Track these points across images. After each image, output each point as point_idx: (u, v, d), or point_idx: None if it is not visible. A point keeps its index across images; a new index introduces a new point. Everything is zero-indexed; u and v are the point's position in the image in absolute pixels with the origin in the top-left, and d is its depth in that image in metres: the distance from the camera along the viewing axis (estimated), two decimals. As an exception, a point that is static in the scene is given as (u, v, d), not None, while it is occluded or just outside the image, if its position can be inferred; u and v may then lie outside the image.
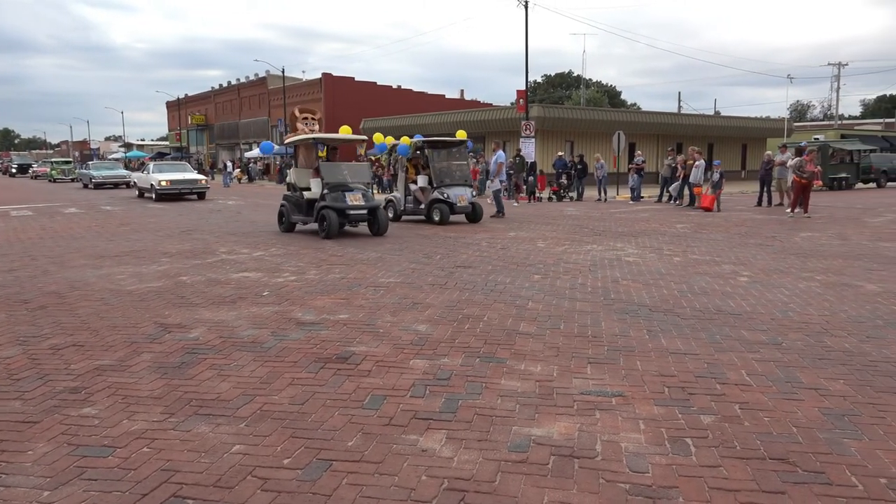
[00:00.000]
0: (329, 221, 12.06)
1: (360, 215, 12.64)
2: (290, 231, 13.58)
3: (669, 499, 2.94)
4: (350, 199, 12.39)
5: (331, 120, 48.13)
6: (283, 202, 13.87)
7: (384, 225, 12.86)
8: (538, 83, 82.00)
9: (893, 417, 3.82)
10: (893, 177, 33.92)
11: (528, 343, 5.36)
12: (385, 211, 13.44)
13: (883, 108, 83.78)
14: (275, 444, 3.50)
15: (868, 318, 6.13)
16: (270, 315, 6.35)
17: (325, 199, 12.31)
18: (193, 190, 25.17)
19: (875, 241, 11.70)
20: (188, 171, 27.20)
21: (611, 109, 47.30)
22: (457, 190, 15.57)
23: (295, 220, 13.48)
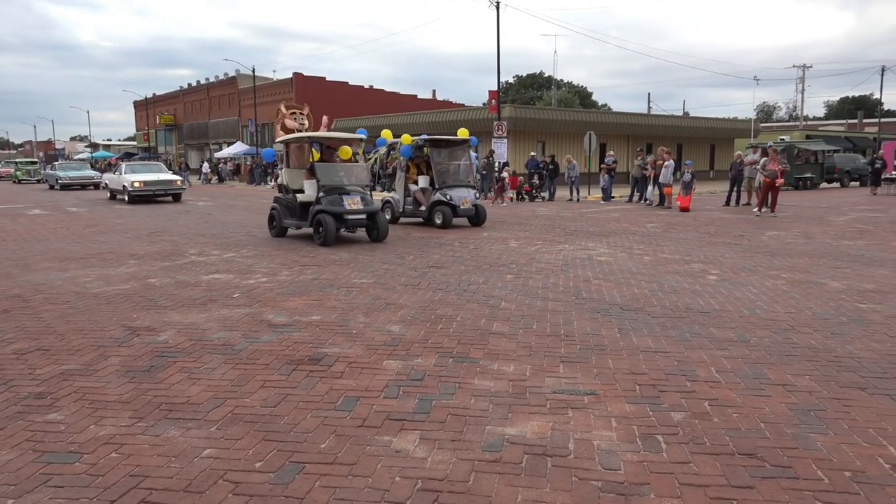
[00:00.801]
0: (325, 227, 11.13)
1: (359, 220, 11.68)
2: (281, 236, 12.74)
3: (641, 495, 2.97)
4: (348, 202, 11.44)
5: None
6: (274, 205, 12.90)
7: (384, 230, 11.93)
8: (510, 84, 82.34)
9: (857, 412, 3.91)
10: (856, 177, 34.70)
11: (501, 343, 5.38)
12: (385, 215, 12.57)
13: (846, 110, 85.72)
14: (246, 448, 3.47)
15: (832, 314, 6.27)
16: (241, 317, 6.29)
17: (321, 203, 11.36)
18: (168, 191, 23.95)
19: (839, 240, 11.96)
20: (163, 172, 25.99)
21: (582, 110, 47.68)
22: (459, 191, 14.80)
23: (287, 224, 12.56)
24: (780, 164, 17.07)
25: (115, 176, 25.26)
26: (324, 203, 11.36)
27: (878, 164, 28.14)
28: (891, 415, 3.86)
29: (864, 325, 5.85)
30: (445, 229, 14.23)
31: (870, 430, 3.64)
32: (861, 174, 33.94)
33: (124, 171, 24.55)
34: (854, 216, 16.78)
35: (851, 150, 42.75)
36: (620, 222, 15.78)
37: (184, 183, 25.11)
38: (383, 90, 55.03)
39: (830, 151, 35.66)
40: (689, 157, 40.47)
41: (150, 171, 25.02)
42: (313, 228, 11.51)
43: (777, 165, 16.85)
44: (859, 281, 7.93)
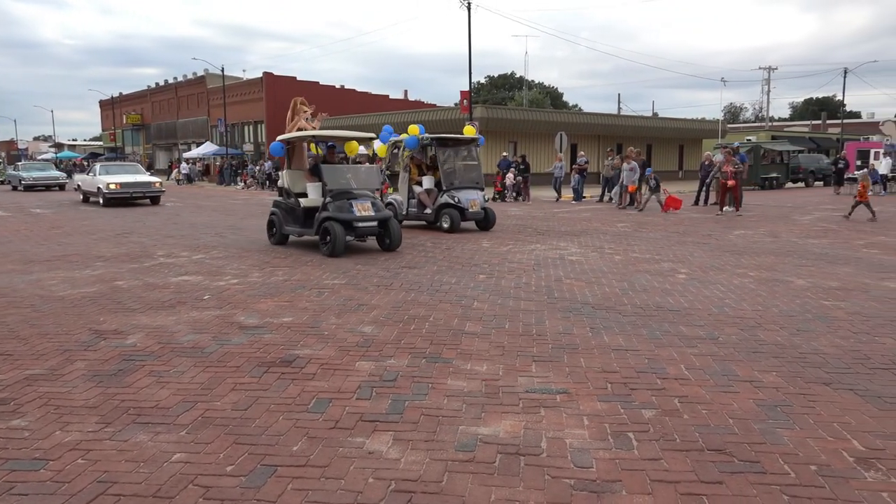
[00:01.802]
0: (334, 236, 9.94)
1: (370, 228, 10.51)
2: (282, 243, 11.54)
3: (613, 492, 3.00)
4: (357, 208, 10.25)
5: (273, 121, 47.39)
6: (274, 209, 11.72)
7: (397, 238, 10.72)
8: (481, 84, 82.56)
9: (822, 407, 3.99)
10: (820, 176, 35.44)
11: (473, 343, 5.39)
12: (397, 222, 11.18)
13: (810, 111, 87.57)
14: (217, 452, 3.42)
15: (798, 311, 6.39)
16: (212, 319, 6.21)
17: (328, 209, 10.21)
18: (147, 194, 22.53)
19: (804, 238, 12.20)
20: (140, 173, 24.40)
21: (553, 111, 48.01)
22: (468, 193, 13.83)
23: (289, 231, 11.41)
24: (733, 164, 17.40)
25: (89, 177, 23.88)
26: (331, 209, 10.20)
27: (841, 164, 28.80)
28: (854, 409, 3.95)
29: (828, 322, 5.97)
30: (452, 233, 13.37)
31: (834, 425, 3.72)
32: (825, 174, 34.66)
33: (99, 173, 23.23)
34: (818, 215, 17.15)
35: (815, 151, 43.71)
36: (591, 222, 15.91)
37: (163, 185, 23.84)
38: (354, 90, 54.78)
39: (795, 152, 36.39)
40: (658, 157, 41.08)
41: (126, 173, 23.73)
42: (319, 237, 10.38)
43: (730, 167, 17.22)
44: (824, 279, 8.10)
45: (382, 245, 10.86)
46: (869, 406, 3.99)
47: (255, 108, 48.75)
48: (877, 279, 8.06)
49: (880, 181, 26.91)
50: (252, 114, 49.45)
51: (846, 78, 52.36)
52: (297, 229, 11.22)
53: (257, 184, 36.84)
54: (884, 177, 27.02)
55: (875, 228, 13.82)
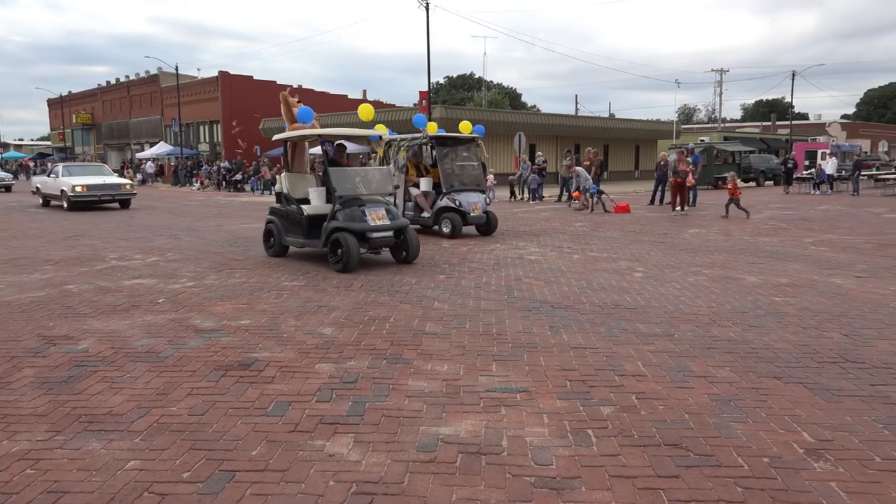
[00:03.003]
0: (347, 249, 8.64)
1: (385, 238, 9.21)
2: (280, 255, 10.21)
3: (573, 489, 3.03)
4: (371, 217, 8.98)
5: (229, 121, 46.67)
6: (272, 217, 10.32)
7: (415, 249, 9.47)
8: (440, 84, 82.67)
9: (774, 400, 4.10)
10: (770, 176, 36.44)
11: (434, 343, 5.39)
12: (414, 231, 9.90)
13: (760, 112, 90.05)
14: (173, 458, 3.35)
15: (750, 308, 6.56)
16: (167, 323, 6.08)
17: (338, 218, 8.96)
18: (116, 197, 20.99)
19: (755, 237, 12.53)
20: (107, 174, 22.57)
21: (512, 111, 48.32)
22: (469, 196, 12.96)
23: (290, 242, 10.00)
24: (686, 163, 17.79)
25: (51, 179, 21.94)
26: (341, 218, 8.93)
27: (790, 164, 29.68)
28: (804, 402, 4.07)
29: (779, 318, 6.14)
30: (453, 239, 12.59)
31: (785, 418, 3.83)
32: (775, 174, 35.65)
33: (62, 174, 21.41)
34: (769, 214, 17.63)
35: (766, 151, 44.90)
36: (550, 222, 16.07)
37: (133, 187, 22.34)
38: (312, 90, 54.24)
39: (747, 152, 37.37)
40: (615, 158, 41.73)
41: (92, 174, 21.97)
42: (329, 250, 9.03)
43: (685, 166, 17.62)
44: (774, 276, 8.33)
45: (398, 257, 9.58)
46: (818, 399, 4.12)
47: (211, 107, 47.93)
48: (824, 275, 8.32)
49: (827, 181, 27.80)
50: (207, 113, 48.60)
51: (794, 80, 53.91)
52: (299, 240, 9.78)
53: (213, 184, 36.24)
54: (830, 176, 27.91)
55: (822, 226, 14.26)
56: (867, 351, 5.11)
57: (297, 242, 9.85)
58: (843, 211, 18.44)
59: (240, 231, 14.21)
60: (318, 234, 9.37)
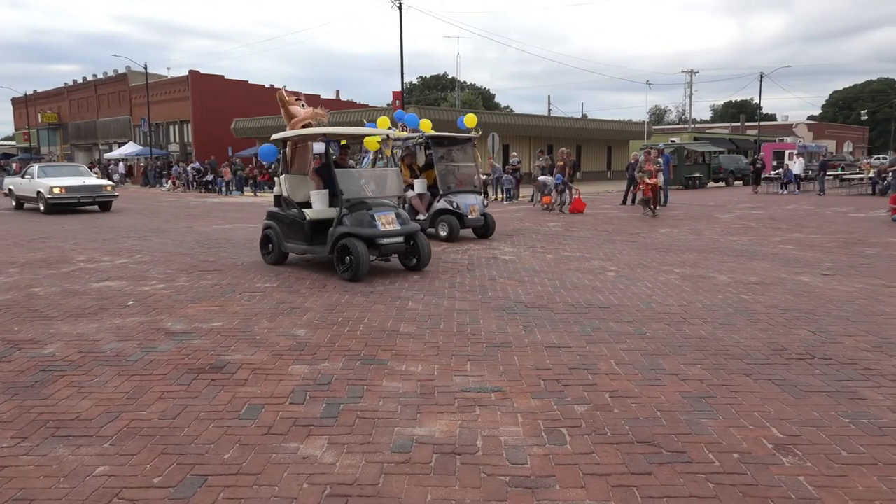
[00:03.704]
0: (357, 257, 8.03)
1: (396, 245, 8.61)
2: (279, 263, 9.49)
3: (547, 487, 3.05)
4: (381, 221, 8.39)
5: (199, 121, 46.15)
6: (270, 222, 9.61)
7: (427, 255, 8.92)
8: (414, 85, 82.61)
9: (743, 397, 4.17)
10: (739, 176, 37.03)
11: (408, 343, 5.38)
12: (425, 236, 9.35)
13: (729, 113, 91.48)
14: (144, 463, 3.30)
15: (720, 306, 6.66)
16: (136, 326, 5.99)
17: (345, 223, 8.33)
18: (97, 199, 19.88)
19: (725, 236, 12.72)
20: (86, 175, 21.53)
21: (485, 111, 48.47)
22: (466, 198, 12.45)
23: (290, 248, 9.28)
24: (654, 163, 18.01)
25: (25, 181, 20.79)
26: (349, 223, 8.33)
27: (758, 164, 30.22)
28: (773, 398, 4.14)
29: (748, 316, 6.24)
30: (451, 243, 12.05)
31: (755, 414, 3.89)
32: (744, 174, 36.23)
33: (38, 175, 20.28)
34: (738, 213, 17.90)
35: (735, 152, 45.58)
36: (524, 222, 16.14)
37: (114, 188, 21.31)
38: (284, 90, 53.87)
39: (716, 153, 37.90)
40: (587, 158, 42.06)
41: (71, 175, 20.83)
42: (335, 258, 8.41)
43: (651, 165, 17.83)
44: (744, 274, 8.46)
45: (407, 264, 9.04)
46: (786, 395, 4.19)
47: (181, 107, 47.31)
48: (792, 274, 8.48)
49: (794, 181, 28.33)
50: (178, 113, 47.97)
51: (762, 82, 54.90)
52: (301, 246, 9.10)
53: (183, 185, 35.80)
54: (797, 176, 28.44)
55: (789, 225, 14.53)
56: (833, 347, 5.22)
57: (299, 249, 9.14)
58: (809, 210, 18.80)
59: (211, 232, 14.05)
60: (322, 239, 8.78)
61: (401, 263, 9.13)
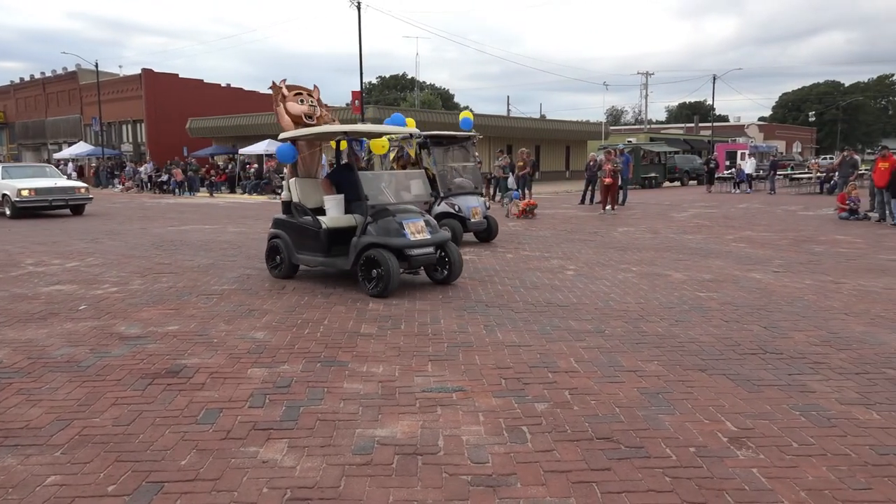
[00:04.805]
0: (387, 270, 7.11)
1: (428, 256, 7.67)
2: (289, 276, 8.40)
3: (508, 485, 3.06)
4: (410, 230, 7.43)
5: (153, 121, 45.16)
6: (277, 231, 8.52)
7: (458, 267, 7.95)
8: (373, 84, 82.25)
9: (699, 392, 4.25)
10: (694, 176, 37.83)
11: (369, 344, 5.36)
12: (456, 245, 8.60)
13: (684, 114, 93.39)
14: (97, 471, 3.22)
15: (676, 303, 6.79)
16: (89, 331, 5.83)
17: (370, 233, 7.43)
18: (69, 202, 18.51)
19: (680, 234, 12.98)
20: (57, 176, 20.15)
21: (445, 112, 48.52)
22: (468, 200, 11.74)
23: (303, 260, 8.21)
24: (613, 163, 18.31)
25: None
26: (375, 232, 7.40)
27: (712, 164, 30.94)
28: (727, 393, 4.24)
29: (703, 313, 6.38)
30: None
31: (710, 408, 3.98)
32: (698, 173, 37.03)
33: (2, 176, 18.73)
34: (693, 212, 18.29)
35: (689, 152, 46.52)
36: (484, 221, 16.18)
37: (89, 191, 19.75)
38: (241, 89, 53.06)
39: (672, 153, 38.65)
40: (546, 158, 42.47)
41: (39, 176, 19.43)
42: (359, 271, 7.46)
43: (609, 165, 18.13)
44: (698, 272, 8.65)
45: (435, 276, 8.06)
46: (740, 389, 4.30)
47: (134, 106, 46.21)
48: (744, 271, 8.69)
49: (746, 180, 29.05)
50: (130, 112, 46.85)
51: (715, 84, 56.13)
52: (316, 258, 8.08)
53: (136, 186, 35.00)
54: (749, 176, 29.18)
55: (742, 224, 14.89)
56: (784, 342, 5.37)
57: (314, 261, 8.12)
58: (761, 209, 19.32)
59: (166, 234, 13.76)
60: (340, 251, 7.86)
61: (427, 276, 8.19)
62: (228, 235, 13.35)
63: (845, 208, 16.09)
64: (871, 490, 3.01)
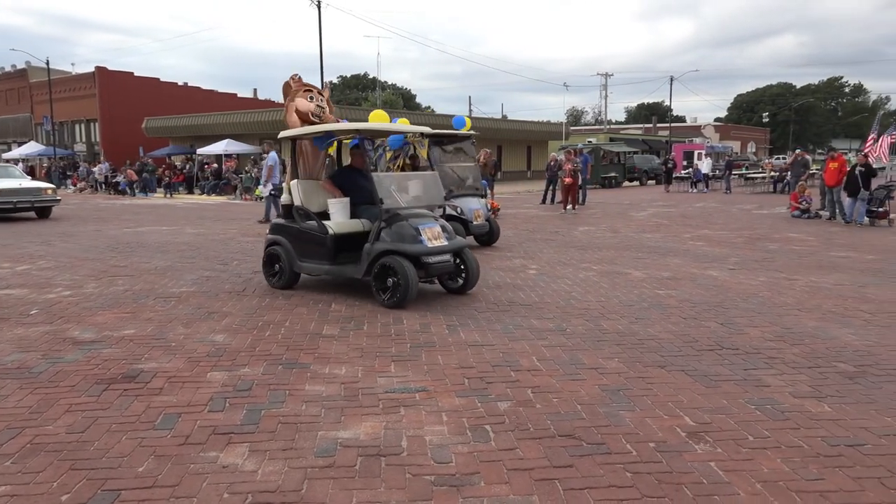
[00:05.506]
0: (405, 279, 6.56)
1: (445, 264, 7.07)
2: (289, 287, 7.73)
3: (472, 485, 3.07)
4: (427, 236, 6.90)
5: (108, 120, 44.10)
6: (276, 237, 7.87)
7: (476, 274, 7.38)
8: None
9: (658, 388, 4.33)
10: (652, 175, 38.48)
11: (331, 346, 5.32)
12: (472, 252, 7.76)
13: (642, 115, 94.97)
14: (50, 480, 3.12)
15: (636, 301, 6.89)
16: (40, 336, 5.66)
17: (384, 239, 6.86)
18: (35, 204, 17.22)
19: (640, 233, 13.18)
20: (20, 177, 19.00)
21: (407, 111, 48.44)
22: (470, 202, 11.26)
23: (307, 268, 7.58)
24: (573, 164, 18.54)
25: None
26: (389, 238, 6.85)
27: (670, 164, 31.48)
28: (686, 388, 4.32)
29: (662, 310, 6.49)
30: None
31: (669, 404, 4.05)
32: (657, 173, 37.69)
33: None
34: (652, 211, 18.59)
35: (648, 152, 47.31)
36: (446, 221, 16.20)
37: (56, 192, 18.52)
38: (199, 88, 52.18)
39: (631, 153, 39.25)
40: (508, 158, 42.73)
41: (4, 177, 18.02)
42: (374, 280, 6.89)
43: (570, 165, 18.36)
44: (657, 270, 8.80)
45: (451, 285, 7.46)
46: (698, 385, 4.38)
47: (88, 105, 45.05)
48: (702, 269, 8.87)
49: (703, 180, 29.65)
50: (84, 111, 45.68)
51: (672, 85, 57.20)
52: (321, 266, 7.45)
53: (91, 187, 34.15)
54: (706, 175, 29.79)
55: (699, 222, 15.19)
56: (740, 338, 5.49)
57: (319, 269, 7.50)
58: (717, 208, 19.74)
59: (121, 236, 13.45)
60: (348, 258, 7.33)
61: (441, 285, 7.56)
62: (187, 237, 13.11)
63: (798, 207, 16.54)
64: (823, 480, 3.10)
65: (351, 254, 7.32)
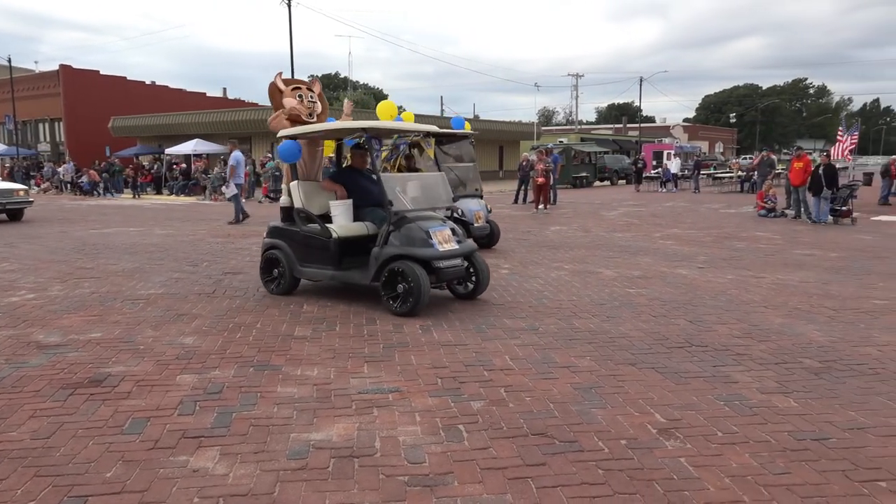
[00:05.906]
0: (417, 285, 6.25)
1: (456, 269, 6.73)
2: (288, 293, 7.41)
3: (446, 485, 3.07)
4: (438, 239, 6.57)
5: (72, 118, 43.25)
6: (276, 241, 7.50)
7: (486, 277, 7.09)
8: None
9: (630, 385, 4.37)
10: (623, 175, 38.87)
11: (303, 347, 5.28)
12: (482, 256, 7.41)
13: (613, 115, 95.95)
14: (14, 488, 3.05)
15: (607, 300, 6.95)
16: (4, 340, 5.53)
17: (393, 243, 6.54)
18: (7, 206, 16.53)
19: (611, 232, 13.31)
20: None
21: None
22: (470, 204, 11.05)
23: (309, 273, 7.24)
24: (545, 163, 18.67)
25: None
26: (398, 242, 6.54)
27: (640, 164, 31.84)
28: (656, 385, 4.37)
29: (632, 308, 6.56)
30: None
31: (640, 401, 4.09)
32: (627, 173, 38.08)
33: None
34: (622, 211, 18.79)
35: (618, 152, 47.77)
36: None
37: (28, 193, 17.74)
38: (167, 87, 51.45)
39: (601, 153, 39.59)
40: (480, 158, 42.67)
41: None
42: (382, 285, 6.54)
43: (542, 165, 18.48)
44: (628, 269, 8.89)
45: (460, 291, 7.18)
46: (668, 382, 4.44)
47: (52, 103, 44.12)
48: (671, 267, 8.99)
49: (672, 179, 30.04)
50: (48, 110, 44.75)
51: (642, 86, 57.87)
52: (325, 271, 7.10)
53: (55, 187, 33.46)
54: (675, 175, 30.19)
55: (668, 222, 15.39)
56: (709, 335, 5.57)
57: (322, 275, 7.17)
58: (686, 207, 20.02)
59: (87, 237, 13.19)
60: (352, 262, 7.04)
61: (450, 290, 7.27)
62: (155, 238, 12.91)
63: (764, 206, 16.84)
64: (790, 474, 3.16)
65: (355, 258, 7.05)
